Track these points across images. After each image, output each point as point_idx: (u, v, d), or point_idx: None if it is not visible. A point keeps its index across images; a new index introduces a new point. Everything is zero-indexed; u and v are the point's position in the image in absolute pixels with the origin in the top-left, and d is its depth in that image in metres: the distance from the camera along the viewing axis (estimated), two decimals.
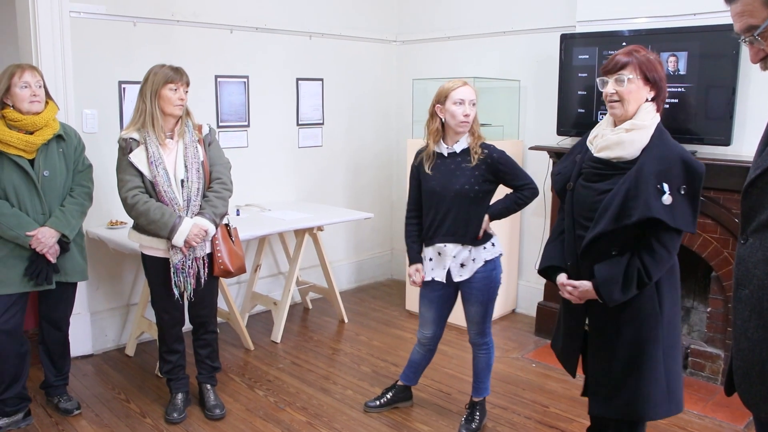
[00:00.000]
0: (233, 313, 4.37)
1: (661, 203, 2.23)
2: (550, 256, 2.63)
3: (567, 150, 4.23)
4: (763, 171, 1.54)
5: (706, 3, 3.74)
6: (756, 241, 1.56)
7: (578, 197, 2.46)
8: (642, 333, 2.40)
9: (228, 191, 3.39)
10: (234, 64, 4.82)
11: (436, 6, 5.59)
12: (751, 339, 1.57)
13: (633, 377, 2.42)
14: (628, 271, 2.33)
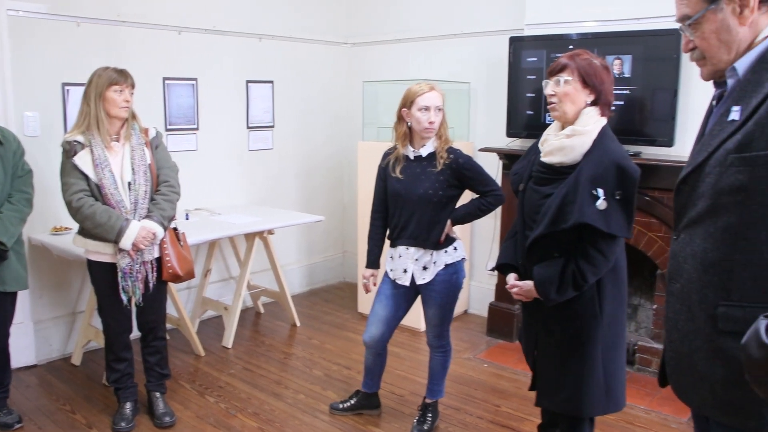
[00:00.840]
0: (183, 319, 4.31)
1: (595, 208, 2.27)
2: (504, 254, 2.69)
3: (516, 152, 4.34)
4: (693, 169, 1.59)
5: (650, 8, 3.83)
6: (686, 237, 1.61)
7: (527, 199, 2.51)
8: (581, 333, 2.45)
9: (176, 194, 3.34)
10: (182, 66, 4.75)
11: (386, 8, 5.61)
12: (681, 331, 1.63)
13: (572, 375, 2.48)
14: (564, 274, 2.38)
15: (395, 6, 5.53)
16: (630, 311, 4.39)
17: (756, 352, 1.05)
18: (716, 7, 1.51)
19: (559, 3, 4.28)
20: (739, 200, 1.47)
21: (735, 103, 1.51)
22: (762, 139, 1.42)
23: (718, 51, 1.56)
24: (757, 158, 1.43)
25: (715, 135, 1.54)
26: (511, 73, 4.43)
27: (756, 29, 1.51)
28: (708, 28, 1.54)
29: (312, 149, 5.78)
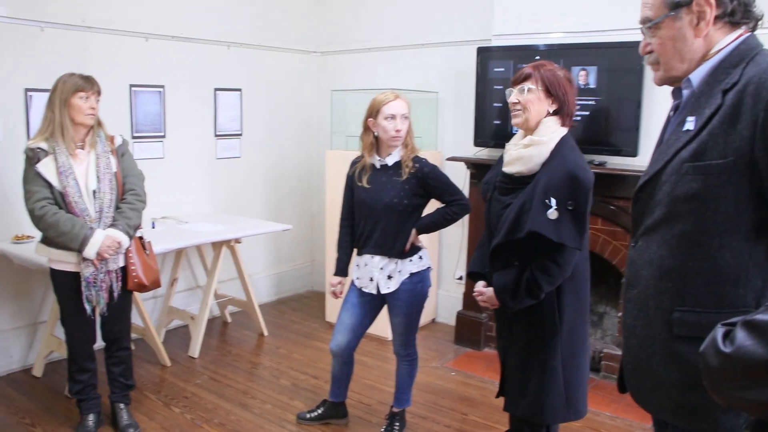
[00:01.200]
0: (148, 329, 4.25)
1: (546, 218, 2.28)
2: (474, 262, 2.73)
3: (484, 161, 4.37)
4: (650, 177, 1.63)
5: (615, 21, 3.89)
6: (644, 244, 1.65)
7: (492, 209, 2.55)
8: (540, 341, 2.48)
9: (142, 203, 3.30)
10: (149, 73, 4.70)
11: (355, 17, 5.62)
12: (638, 336, 1.66)
13: (533, 381, 2.51)
14: (519, 282, 2.40)
15: (364, 15, 5.55)
16: (596, 319, 4.44)
17: (713, 360, 1.07)
18: (676, 15, 1.56)
19: (526, 14, 4.33)
20: (693, 208, 1.52)
21: (690, 114, 1.56)
22: (715, 148, 1.47)
23: (671, 58, 1.60)
24: (710, 167, 1.48)
25: (671, 144, 1.59)
26: (478, 83, 4.47)
27: (710, 42, 1.57)
28: (665, 33, 1.59)
29: (280, 158, 5.76)
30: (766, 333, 0.99)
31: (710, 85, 1.54)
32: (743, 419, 1.46)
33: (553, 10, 4.21)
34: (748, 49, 1.53)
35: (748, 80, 1.45)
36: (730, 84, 1.49)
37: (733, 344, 1.03)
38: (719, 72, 1.53)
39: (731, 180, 1.46)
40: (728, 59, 1.54)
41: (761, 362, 0.99)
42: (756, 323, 1.01)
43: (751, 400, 1.02)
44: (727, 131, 1.46)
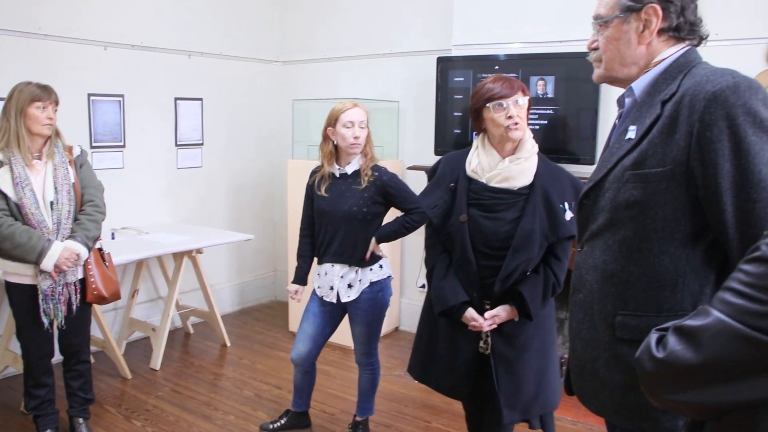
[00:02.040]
0: (108, 341, 4.19)
1: (566, 220, 2.43)
2: (454, 294, 2.53)
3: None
4: (594, 184, 1.67)
5: (572, 32, 3.97)
6: (588, 249, 1.69)
7: (482, 229, 2.48)
8: (546, 338, 2.59)
9: (101, 214, 3.26)
10: (108, 82, 4.65)
11: (317, 27, 5.63)
12: (583, 340, 1.70)
13: (544, 379, 2.57)
14: (547, 285, 2.48)
15: (326, 25, 5.57)
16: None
17: (648, 365, 1.10)
18: (625, 18, 1.61)
19: (485, 25, 4.39)
20: (633, 215, 1.56)
21: (632, 123, 1.61)
22: (654, 157, 1.52)
23: (613, 58, 1.66)
24: (649, 175, 1.52)
25: (614, 152, 1.64)
26: (438, 93, 4.51)
27: (653, 52, 1.62)
28: (612, 34, 1.64)
29: (242, 167, 5.74)
30: (695, 338, 1.02)
31: (651, 95, 1.59)
32: (682, 420, 1.51)
33: (512, 20, 4.28)
34: (687, 61, 1.58)
35: (684, 91, 1.50)
36: (668, 95, 1.53)
37: (666, 349, 1.06)
38: (660, 82, 1.58)
39: (669, 188, 1.51)
40: (668, 70, 1.59)
41: (691, 367, 1.02)
42: (685, 329, 1.05)
43: (684, 402, 1.06)
44: (665, 141, 1.51)
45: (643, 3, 1.58)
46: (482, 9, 4.40)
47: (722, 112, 1.41)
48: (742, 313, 0.97)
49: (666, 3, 1.58)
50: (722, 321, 0.99)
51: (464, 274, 2.52)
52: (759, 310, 0.95)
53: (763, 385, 0.96)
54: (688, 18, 1.60)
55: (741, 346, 0.96)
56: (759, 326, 0.94)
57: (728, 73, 1.46)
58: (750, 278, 0.97)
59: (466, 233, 2.49)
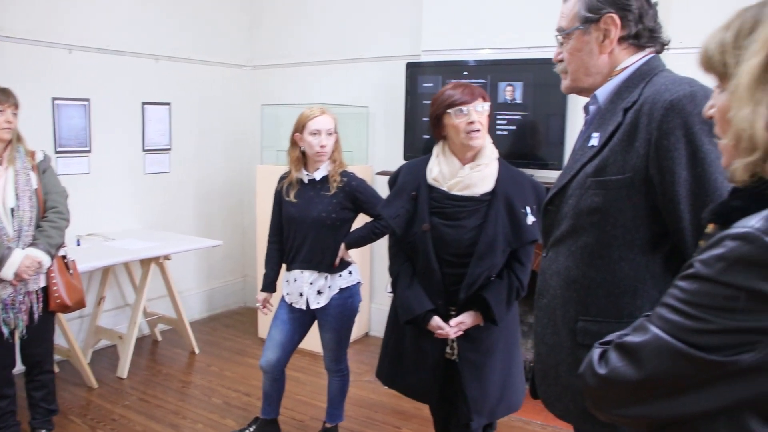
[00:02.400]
0: (74, 350, 4.12)
1: (528, 225, 2.43)
2: (419, 303, 2.51)
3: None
4: (557, 191, 1.69)
5: (540, 39, 3.99)
6: (553, 255, 1.71)
7: (444, 237, 2.46)
8: (510, 339, 2.60)
9: (64, 221, 3.20)
10: (74, 86, 4.58)
11: (287, 32, 5.61)
12: (547, 344, 1.72)
13: (508, 381, 2.58)
14: (510, 290, 2.49)
15: (296, 30, 5.55)
16: (525, 329, 4.51)
17: (591, 381, 1.11)
18: (585, 29, 1.64)
19: (454, 31, 4.40)
20: (595, 221, 1.57)
21: (595, 130, 1.63)
22: (614, 165, 1.54)
23: (578, 69, 1.68)
24: (610, 182, 1.54)
25: (577, 159, 1.65)
26: (408, 98, 4.52)
27: (615, 61, 1.64)
28: (574, 45, 1.67)
29: (210, 173, 5.69)
30: (634, 355, 1.03)
31: (614, 103, 1.61)
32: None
33: (481, 27, 4.29)
34: (649, 69, 1.60)
35: (644, 100, 1.52)
36: (630, 103, 1.55)
37: (608, 366, 1.07)
38: (622, 90, 1.60)
39: (629, 195, 1.52)
40: (631, 78, 1.61)
41: (633, 383, 1.03)
42: (626, 346, 1.06)
43: (628, 417, 1.07)
44: (625, 148, 1.52)
45: (601, 13, 1.60)
46: (451, 15, 4.42)
47: (679, 120, 1.44)
48: (678, 329, 0.98)
49: (623, 12, 1.60)
50: (660, 338, 1.00)
51: (428, 282, 2.50)
52: (694, 327, 0.96)
53: (703, 399, 0.98)
54: (647, 25, 1.62)
55: (679, 363, 0.97)
56: (695, 343, 0.95)
57: (686, 82, 1.48)
58: (684, 295, 0.98)
59: (429, 242, 2.46)
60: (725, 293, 0.93)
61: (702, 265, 0.97)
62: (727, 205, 1.03)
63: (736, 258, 0.92)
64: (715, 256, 0.95)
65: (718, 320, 0.93)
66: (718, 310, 0.93)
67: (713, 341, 0.94)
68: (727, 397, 0.96)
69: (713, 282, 0.94)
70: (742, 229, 0.93)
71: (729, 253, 0.93)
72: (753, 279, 0.90)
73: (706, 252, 0.97)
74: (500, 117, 4.09)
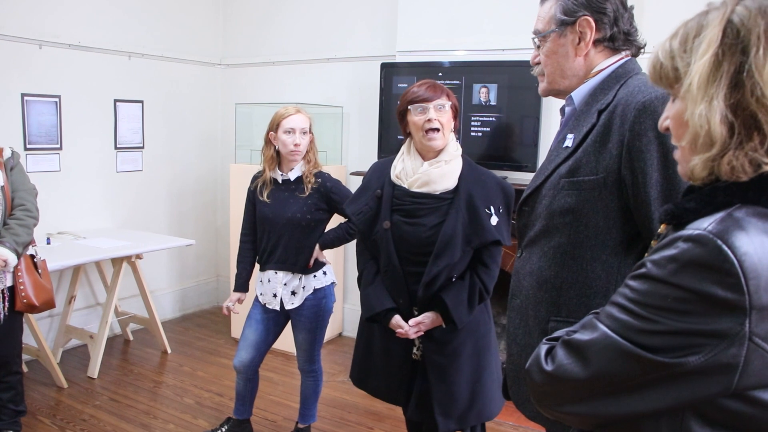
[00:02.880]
0: (43, 349, 4.07)
1: (491, 225, 2.40)
2: (379, 300, 2.53)
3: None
4: (531, 191, 1.71)
5: (514, 41, 4.03)
6: (527, 255, 1.72)
7: (404, 235, 2.45)
8: (480, 343, 2.55)
9: (32, 219, 3.15)
10: (44, 82, 4.51)
11: (261, 30, 5.58)
12: (519, 344, 1.73)
13: (478, 387, 2.54)
14: (471, 292, 2.46)
15: (270, 29, 5.52)
16: (500, 330, 4.54)
17: (537, 377, 1.11)
18: (561, 32, 1.66)
19: (429, 32, 4.42)
20: (568, 222, 1.59)
21: (570, 132, 1.65)
22: (588, 165, 1.55)
23: (554, 71, 1.70)
24: (583, 183, 1.55)
25: (551, 160, 1.67)
26: (382, 98, 4.52)
27: (590, 63, 1.66)
28: (551, 48, 1.69)
29: (183, 171, 5.64)
30: (581, 353, 1.04)
31: (589, 105, 1.62)
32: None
33: (456, 28, 4.31)
34: (624, 72, 1.62)
35: (618, 101, 1.54)
36: (604, 104, 1.57)
37: (554, 362, 1.08)
38: (597, 92, 1.62)
39: (602, 196, 1.54)
40: (606, 81, 1.62)
41: (579, 380, 1.04)
42: (573, 343, 1.06)
43: (572, 414, 1.08)
44: (598, 149, 1.54)
45: (576, 16, 1.62)
46: (426, 16, 4.43)
47: (651, 122, 1.44)
48: (626, 329, 0.98)
49: (598, 15, 1.62)
50: (608, 336, 1.00)
51: (390, 280, 2.51)
52: (642, 327, 0.97)
53: (648, 399, 0.98)
54: (621, 28, 1.64)
55: (625, 362, 0.98)
56: (642, 343, 0.96)
57: None
58: (634, 294, 0.99)
59: (390, 240, 2.46)
60: (675, 295, 0.93)
61: (653, 265, 0.97)
62: (680, 206, 1.03)
63: (687, 260, 0.93)
64: (666, 257, 0.96)
65: (666, 321, 0.94)
66: (667, 312, 0.94)
67: (661, 342, 0.95)
68: (671, 398, 0.97)
69: (663, 283, 0.95)
70: (695, 231, 0.94)
71: (681, 255, 0.94)
72: (703, 282, 0.91)
73: (658, 252, 0.98)
74: (474, 118, 4.11)
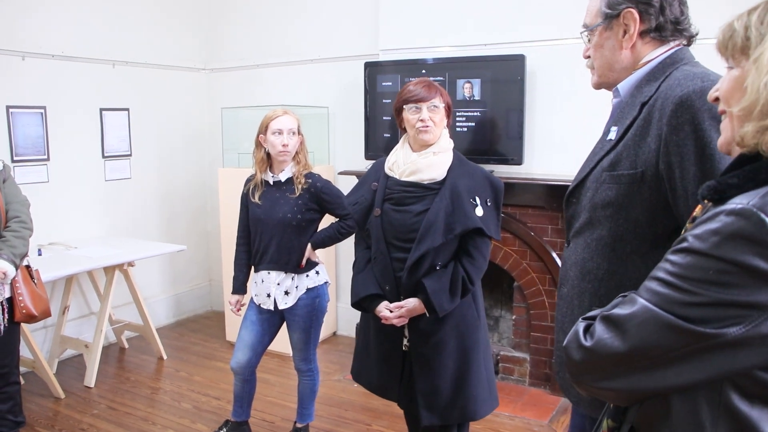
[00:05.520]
0: (39, 360, 4.08)
1: (475, 214, 2.46)
2: (365, 285, 2.63)
3: None
4: (576, 184, 1.74)
5: (496, 36, 4.08)
6: (573, 246, 1.75)
7: (392, 221, 2.57)
8: (466, 340, 2.58)
9: (28, 230, 3.17)
10: (29, 93, 4.52)
11: (243, 34, 5.60)
12: (565, 332, 1.72)
13: (462, 383, 2.57)
14: (454, 280, 2.50)
15: (252, 32, 5.54)
16: (492, 323, 4.59)
17: (576, 354, 1.14)
18: (608, 25, 1.68)
19: (411, 30, 4.46)
20: (609, 214, 1.61)
21: (614, 124, 1.67)
22: (627, 159, 1.57)
23: (602, 65, 1.73)
24: (622, 177, 1.58)
25: (596, 153, 1.71)
26: (367, 97, 4.55)
27: (638, 55, 1.67)
28: (598, 41, 1.71)
29: (172, 177, 5.66)
30: (621, 327, 1.07)
31: (634, 97, 1.63)
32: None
33: (438, 25, 4.35)
34: (672, 62, 1.62)
35: (659, 94, 1.55)
36: (647, 97, 1.58)
37: (593, 338, 1.11)
38: (643, 84, 1.63)
39: (641, 190, 1.55)
40: (652, 72, 1.63)
41: (618, 354, 1.07)
42: (613, 317, 1.09)
43: (609, 389, 1.11)
44: (638, 143, 1.56)
45: (620, 9, 1.64)
46: (408, 14, 4.47)
47: (688, 116, 1.45)
48: (668, 302, 1.02)
49: (644, 5, 1.62)
50: (649, 309, 1.03)
51: (379, 267, 2.59)
52: (684, 300, 1.00)
53: (686, 372, 1.01)
54: (669, 17, 1.63)
55: (666, 334, 1.01)
56: (684, 315, 0.99)
57: (699, 77, 1.49)
58: (676, 268, 1.02)
59: (379, 227, 2.58)
60: (717, 267, 0.96)
61: (695, 239, 1.00)
62: (723, 182, 1.05)
63: (730, 233, 0.96)
64: (709, 231, 0.99)
65: (708, 293, 0.97)
66: (709, 284, 0.97)
67: (702, 314, 0.98)
68: (710, 370, 1.00)
69: (706, 256, 0.98)
70: (738, 205, 0.97)
71: (724, 228, 0.97)
72: (746, 254, 0.94)
73: (700, 227, 1.01)
74: (459, 114, 4.15)
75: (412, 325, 2.58)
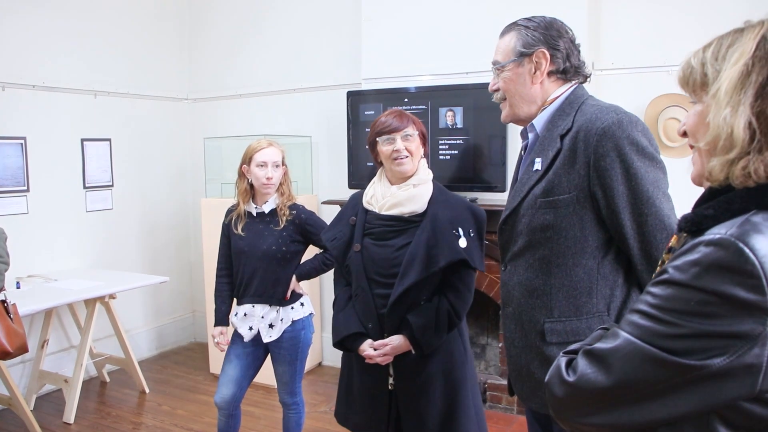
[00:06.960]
0: (15, 397, 3.98)
1: (459, 245, 2.39)
2: (347, 324, 2.52)
3: None
4: (510, 212, 1.91)
5: (477, 64, 4.09)
6: (512, 268, 1.92)
7: (373, 257, 2.48)
8: (454, 375, 2.50)
9: (4, 264, 3.12)
10: (8, 124, 4.47)
11: (225, 64, 5.60)
12: (517, 347, 1.93)
13: (451, 420, 2.48)
14: (440, 315, 2.42)
15: (235, 62, 5.55)
16: (478, 350, 4.56)
17: (558, 390, 1.12)
18: (519, 62, 1.89)
19: (393, 59, 4.47)
20: (548, 236, 1.81)
21: (537, 156, 1.85)
22: (560, 186, 1.77)
23: (513, 97, 1.93)
24: (558, 201, 1.78)
25: (524, 182, 1.87)
26: (350, 126, 4.55)
27: (546, 91, 1.89)
28: (510, 76, 1.91)
29: (154, 208, 5.61)
30: (604, 361, 1.05)
31: (550, 130, 1.84)
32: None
33: (420, 54, 4.37)
34: (576, 98, 1.86)
35: (578, 127, 1.76)
36: (565, 129, 1.79)
37: (576, 373, 1.09)
38: (556, 118, 1.84)
39: (576, 210, 1.77)
40: (562, 107, 1.86)
41: (602, 389, 1.05)
42: (595, 352, 1.08)
43: (594, 425, 1.08)
44: (568, 171, 1.76)
45: (534, 49, 1.86)
46: (390, 43, 4.48)
47: (611, 144, 1.70)
48: (650, 335, 1.00)
49: (553, 50, 1.86)
50: (632, 342, 1.02)
51: (361, 304, 2.50)
52: (667, 332, 0.98)
53: (671, 405, 1.00)
54: (572, 63, 1.89)
55: (650, 367, 0.99)
56: (667, 347, 0.98)
57: (612, 110, 1.75)
58: (657, 300, 1.01)
59: (360, 262, 2.49)
60: (698, 298, 0.96)
61: (675, 270, 1.00)
62: (699, 214, 1.05)
63: (710, 263, 0.96)
64: (689, 262, 0.98)
65: (690, 324, 0.96)
66: (690, 315, 0.96)
67: (685, 346, 0.96)
68: (695, 403, 0.98)
69: (686, 287, 0.97)
70: (717, 235, 0.97)
71: (703, 258, 0.96)
72: (726, 284, 0.93)
73: (680, 258, 1.00)
74: (442, 142, 4.16)
75: (397, 363, 2.49)
